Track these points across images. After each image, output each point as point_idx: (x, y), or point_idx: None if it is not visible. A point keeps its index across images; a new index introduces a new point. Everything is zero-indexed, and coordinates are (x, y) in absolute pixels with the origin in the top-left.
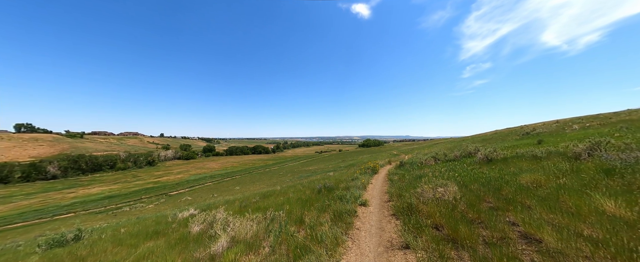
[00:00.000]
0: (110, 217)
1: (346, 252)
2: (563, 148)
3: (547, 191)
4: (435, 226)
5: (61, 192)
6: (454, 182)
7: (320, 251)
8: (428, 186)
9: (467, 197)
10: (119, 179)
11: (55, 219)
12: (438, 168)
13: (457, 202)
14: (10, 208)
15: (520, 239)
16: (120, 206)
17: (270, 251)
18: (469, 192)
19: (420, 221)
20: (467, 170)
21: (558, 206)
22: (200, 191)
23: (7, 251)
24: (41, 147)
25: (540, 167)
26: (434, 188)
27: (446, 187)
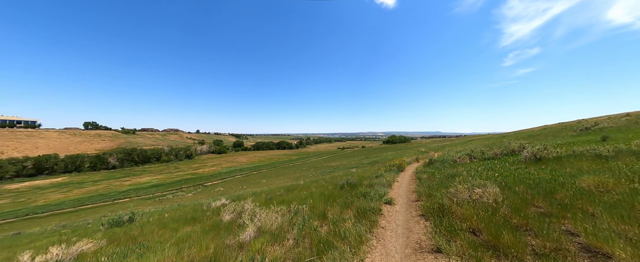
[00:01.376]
0: (156, 203)
1: (371, 251)
2: (638, 146)
3: (618, 196)
4: (472, 231)
5: (119, 180)
6: (494, 183)
7: (343, 248)
8: (463, 186)
9: (511, 200)
10: (163, 170)
11: (115, 203)
12: (474, 167)
13: (499, 206)
14: (83, 192)
15: (581, 251)
16: (165, 193)
17: (294, 244)
18: (514, 195)
19: (454, 224)
20: (510, 170)
21: (633, 214)
22: (231, 182)
23: (80, 227)
24: (103, 141)
25: (607, 169)
26: (470, 189)
27: (485, 188)
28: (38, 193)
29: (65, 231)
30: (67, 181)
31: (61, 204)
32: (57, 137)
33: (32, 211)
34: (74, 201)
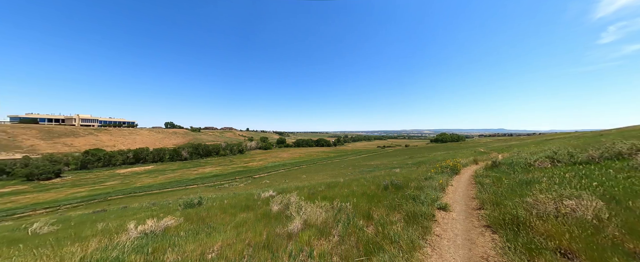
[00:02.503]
0: (216, 190)
1: (425, 260)
2: None
3: None
4: (562, 251)
5: (190, 170)
6: (594, 195)
7: (394, 252)
8: (546, 195)
9: (623, 218)
10: (221, 162)
11: (187, 188)
12: (558, 172)
13: (604, 224)
14: (165, 178)
15: None
16: (223, 183)
17: (340, 240)
18: (627, 212)
19: (536, 241)
20: (617, 179)
21: None
22: (275, 176)
23: (165, 206)
24: (178, 138)
25: None
26: (556, 199)
27: (580, 199)
28: (136, 177)
29: (154, 208)
30: (154, 168)
31: (151, 186)
32: (147, 134)
33: (133, 190)
34: (159, 185)
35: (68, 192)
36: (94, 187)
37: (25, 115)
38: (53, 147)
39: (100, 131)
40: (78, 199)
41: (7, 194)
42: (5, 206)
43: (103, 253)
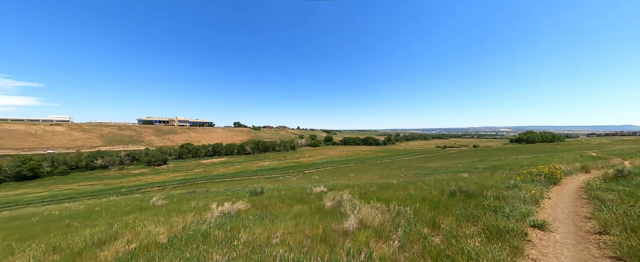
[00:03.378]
0: (274, 182)
1: None
2: None
3: None
4: None
5: (252, 163)
6: None
7: None
8: None
9: None
10: (276, 157)
11: (251, 178)
12: None
13: None
14: (234, 168)
15: None
16: (278, 176)
17: (400, 246)
18: None
19: None
20: None
21: None
22: (324, 172)
23: (235, 192)
24: (243, 135)
25: None
26: None
27: None
28: (214, 167)
29: (228, 193)
30: (226, 160)
31: (224, 175)
32: (221, 132)
33: (212, 177)
34: (230, 174)
35: (171, 176)
36: (187, 173)
37: (145, 118)
38: (162, 141)
39: (190, 129)
40: (177, 181)
41: (136, 174)
42: (135, 183)
43: (196, 226)
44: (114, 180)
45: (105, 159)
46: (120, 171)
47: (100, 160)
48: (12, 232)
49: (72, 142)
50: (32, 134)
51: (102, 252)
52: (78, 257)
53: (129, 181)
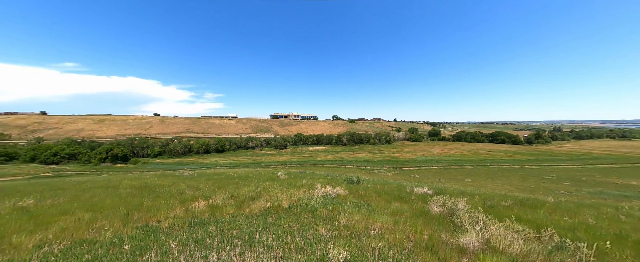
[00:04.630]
0: (368, 174)
1: None
2: None
3: None
4: None
5: (348, 153)
6: None
7: None
8: None
9: None
10: (371, 150)
11: (346, 167)
12: None
13: None
14: (332, 157)
15: None
16: (372, 168)
17: None
18: None
19: None
20: None
21: None
22: (426, 172)
23: (334, 178)
24: (340, 127)
25: None
26: None
27: None
28: (317, 153)
29: (328, 178)
30: (326, 149)
31: (324, 161)
32: (323, 124)
33: (316, 162)
34: (329, 161)
35: (289, 157)
36: (299, 156)
37: (273, 114)
38: (283, 131)
39: (301, 122)
40: (292, 162)
41: (269, 154)
42: (268, 160)
43: (306, 200)
44: (257, 157)
45: (253, 142)
46: (260, 151)
47: (251, 143)
48: (214, 183)
49: (237, 131)
50: (221, 125)
51: (253, 204)
52: (242, 204)
53: (265, 158)
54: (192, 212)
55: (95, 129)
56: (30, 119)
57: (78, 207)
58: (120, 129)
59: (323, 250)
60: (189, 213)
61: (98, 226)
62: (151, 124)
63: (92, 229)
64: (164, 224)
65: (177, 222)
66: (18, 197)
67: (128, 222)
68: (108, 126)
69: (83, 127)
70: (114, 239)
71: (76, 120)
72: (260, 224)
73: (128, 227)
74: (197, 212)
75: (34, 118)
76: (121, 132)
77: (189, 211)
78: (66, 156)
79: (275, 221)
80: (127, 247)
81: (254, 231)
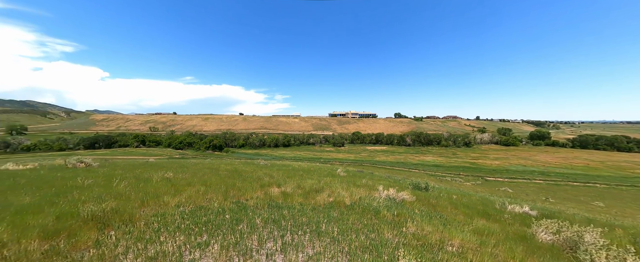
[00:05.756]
0: (438, 181)
1: None
2: None
3: None
4: None
5: (412, 155)
6: None
7: None
8: None
9: None
10: (442, 153)
11: (410, 171)
12: None
13: None
14: (393, 158)
15: None
16: (444, 175)
17: None
18: None
19: None
20: None
21: None
22: (524, 186)
23: (395, 181)
24: (403, 126)
25: None
26: None
27: None
28: (375, 153)
29: (389, 180)
30: (386, 149)
31: (384, 162)
32: (383, 123)
33: (374, 162)
34: (390, 163)
35: (346, 155)
36: (356, 155)
37: (332, 112)
38: (341, 129)
39: (359, 120)
40: (350, 160)
41: (327, 151)
42: (327, 157)
43: (368, 200)
44: (317, 153)
45: (314, 139)
46: (320, 147)
47: (312, 140)
48: (283, 173)
49: (300, 128)
50: (287, 123)
51: (318, 196)
52: (308, 195)
53: (324, 154)
54: (269, 196)
55: (202, 125)
56: (167, 118)
57: (196, 182)
58: (218, 125)
59: (391, 255)
60: (267, 196)
61: (209, 197)
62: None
63: (206, 199)
64: (250, 203)
65: (259, 203)
66: (163, 171)
67: (227, 197)
68: (210, 123)
69: (195, 124)
70: (219, 209)
71: (192, 118)
72: (325, 216)
73: (227, 201)
74: (273, 196)
75: (170, 117)
76: (218, 127)
77: (267, 194)
78: (186, 144)
79: (338, 215)
80: (228, 216)
81: (320, 222)
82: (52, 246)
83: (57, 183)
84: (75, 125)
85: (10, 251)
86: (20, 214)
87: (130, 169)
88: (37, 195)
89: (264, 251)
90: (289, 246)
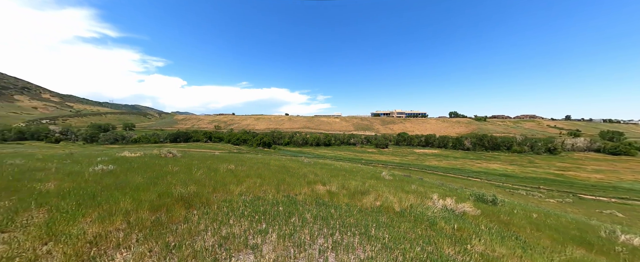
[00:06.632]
0: (507, 194)
1: None
2: None
3: None
4: None
5: (472, 161)
6: None
7: None
8: None
9: None
10: (514, 160)
11: (469, 179)
12: None
13: None
14: (447, 163)
15: None
16: (516, 187)
17: None
18: None
19: None
20: None
21: None
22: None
23: (452, 190)
24: (461, 127)
25: None
26: None
27: None
28: (425, 157)
29: (444, 188)
30: (439, 153)
31: (436, 168)
32: (434, 123)
33: (424, 167)
34: (443, 168)
35: (390, 158)
36: (402, 158)
37: (374, 112)
38: (385, 130)
39: (405, 120)
40: (394, 163)
41: (369, 152)
42: (368, 158)
43: (420, 209)
44: (358, 153)
45: (355, 139)
46: (361, 148)
47: (352, 140)
48: (326, 171)
49: (341, 128)
50: (328, 123)
51: (364, 199)
52: (353, 196)
53: (365, 155)
54: (316, 193)
55: (254, 124)
56: (227, 117)
57: (253, 174)
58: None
59: None
60: (314, 193)
61: (264, 189)
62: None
63: (262, 190)
64: (299, 198)
65: (307, 199)
66: (227, 163)
67: (279, 190)
68: (261, 122)
69: (249, 123)
70: (273, 200)
71: (246, 118)
72: (374, 221)
73: (279, 194)
74: (319, 194)
75: (229, 117)
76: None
77: (314, 191)
78: (242, 140)
79: (388, 221)
80: (281, 208)
81: (368, 225)
82: (157, 217)
83: (155, 168)
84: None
85: (132, 218)
86: (136, 191)
87: (203, 160)
88: (145, 176)
89: (316, 246)
90: (339, 246)
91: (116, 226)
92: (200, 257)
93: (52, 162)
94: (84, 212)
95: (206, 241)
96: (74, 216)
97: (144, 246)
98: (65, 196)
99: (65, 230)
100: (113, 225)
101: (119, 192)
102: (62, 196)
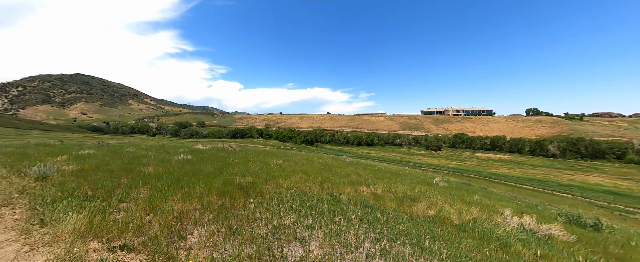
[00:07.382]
0: (617, 219)
1: None
2: None
3: None
4: None
5: (560, 171)
6: None
7: None
8: None
9: None
10: (628, 174)
11: (554, 194)
12: None
13: None
14: (522, 172)
15: None
16: (631, 210)
17: None
18: None
19: None
20: None
21: None
22: None
23: (529, 205)
24: (543, 128)
25: None
26: None
27: None
28: (490, 163)
29: (518, 202)
30: (510, 159)
31: (506, 177)
32: (504, 122)
33: (488, 175)
34: (515, 178)
35: (444, 161)
36: (459, 162)
37: (426, 110)
38: (438, 130)
39: (464, 118)
40: (449, 168)
41: (417, 154)
42: (417, 161)
43: (487, 224)
44: (404, 155)
45: (401, 140)
46: (408, 149)
47: (398, 140)
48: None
49: (385, 127)
50: (371, 121)
51: (414, 206)
52: (402, 201)
53: (413, 158)
54: (360, 194)
55: (299, 123)
56: (276, 116)
57: (298, 170)
58: (310, 123)
59: None
60: (358, 194)
61: (309, 185)
62: (325, 119)
63: (307, 186)
64: (343, 197)
65: (351, 199)
66: (276, 158)
67: (323, 188)
68: (304, 121)
69: (294, 122)
70: (318, 197)
71: (291, 117)
72: (428, 232)
73: (323, 191)
74: (363, 195)
75: (277, 116)
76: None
77: (358, 192)
78: (288, 138)
79: (445, 234)
80: (326, 206)
81: (421, 236)
82: (222, 202)
83: (220, 160)
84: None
85: (205, 201)
86: (207, 178)
87: (256, 154)
88: (213, 166)
89: (363, 249)
90: (388, 254)
91: (193, 206)
92: (256, 243)
93: (151, 151)
94: (172, 192)
95: (261, 228)
96: (166, 194)
97: (213, 226)
98: (160, 178)
99: (160, 205)
100: (191, 205)
101: (195, 178)
102: (157, 177)
